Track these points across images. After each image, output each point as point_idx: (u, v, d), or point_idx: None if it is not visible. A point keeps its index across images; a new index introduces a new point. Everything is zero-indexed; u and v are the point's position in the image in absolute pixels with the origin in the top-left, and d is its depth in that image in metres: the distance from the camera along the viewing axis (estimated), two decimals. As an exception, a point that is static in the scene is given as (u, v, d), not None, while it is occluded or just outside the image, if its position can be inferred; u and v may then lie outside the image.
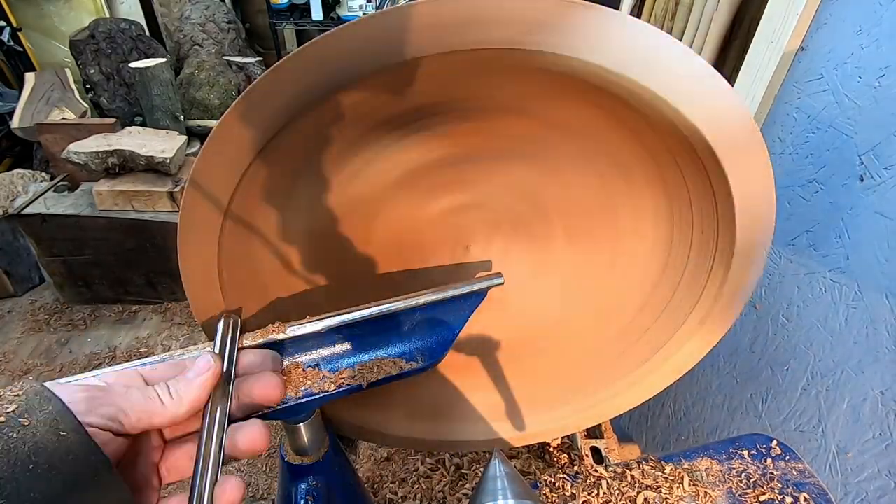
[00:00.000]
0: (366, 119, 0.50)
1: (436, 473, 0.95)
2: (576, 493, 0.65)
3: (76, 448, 0.30)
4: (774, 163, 0.98)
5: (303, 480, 0.57)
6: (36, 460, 0.29)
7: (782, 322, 1.01)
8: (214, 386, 0.40)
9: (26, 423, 0.29)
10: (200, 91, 3.30)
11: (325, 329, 0.50)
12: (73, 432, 0.31)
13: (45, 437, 0.29)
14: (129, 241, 2.24)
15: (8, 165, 3.07)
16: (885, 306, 0.80)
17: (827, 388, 0.91)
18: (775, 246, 1.00)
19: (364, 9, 3.71)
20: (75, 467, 0.30)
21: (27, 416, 0.30)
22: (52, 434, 0.30)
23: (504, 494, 0.47)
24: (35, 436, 0.29)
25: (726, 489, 0.64)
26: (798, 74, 0.93)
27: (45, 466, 0.29)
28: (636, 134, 0.52)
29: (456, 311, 0.56)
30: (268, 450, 1.65)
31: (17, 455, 0.28)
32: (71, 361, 2.19)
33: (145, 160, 2.15)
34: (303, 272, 0.60)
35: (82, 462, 0.31)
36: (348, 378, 0.51)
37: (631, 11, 1.56)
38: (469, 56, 0.43)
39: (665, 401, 1.39)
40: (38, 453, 0.29)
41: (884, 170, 0.78)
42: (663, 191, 0.58)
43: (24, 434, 0.29)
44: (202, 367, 0.40)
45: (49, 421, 0.30)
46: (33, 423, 0.29)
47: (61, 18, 3.48)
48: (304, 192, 0.54)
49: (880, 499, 0.82)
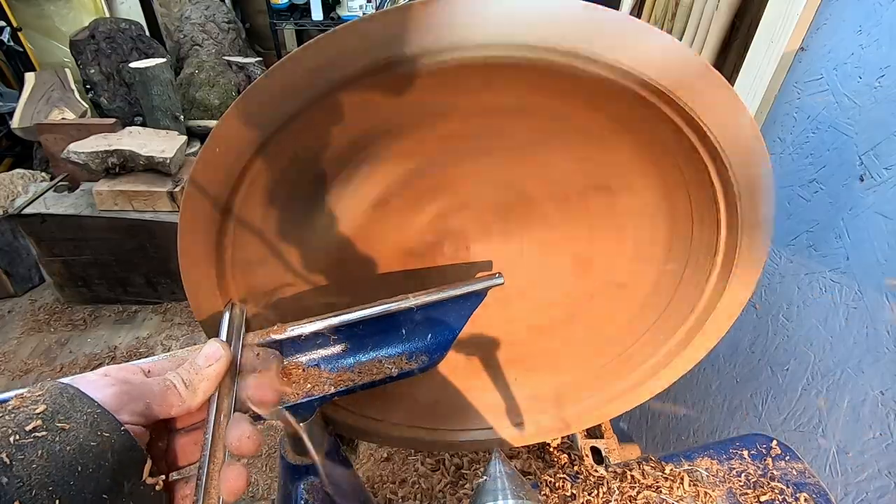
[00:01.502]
0: (308, 171, 0.51)
1: (436, 473, 0.95)
2: (576, 493, 0.65)
3: (118, 447, 0.31)
4: (774, 163, 0.99)
5: (303, 480, 0.57)
6: (83, 462, 0.29)
7: (782, 322, 1.01)
8: (225, 374, 0.40)
9: (66, 426, 0.30)
10: (200, 91, 3.30)
11: (325, 329, 0.50)
12: (114, 432, 0.31)
13: (87, 439, 0.30)
14: (129, 241, 2.24)
15: (8, 165, 3.07)
16: (885, 306, 0.80)
17: (827, 388, 0.91)
18: (775, 246, 1.00)
19: (364, 9, 3.71)
20: (119, 465, 0.31)
21: (63, 418, 0.30)
22: (93, 435, 0.30)
23: (504, 494, 0.47)
24: (78, 438, 0.30)
25: (726, 489, 0.64)
26: (798, 74, 0.93)
27: (93, 468, 0.30)
28: (592, 102, 0.51)
29: (456, 311, 0.56)
30: (263, 451, 1.63)
31: (63, 459, 0.29)
32: (71, 361, 2.19)
33: (145, 160, 2.15)
34: (303, 272, 0.60)
35: (125, 459, 0.32)
36: (348, 378, 0.51)
37: (631, 11, 1.56)
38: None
39: (665, 401, 1.39)
40: (84, 455, 0.30)
41: (884, 170, 0.78)
42: (649, 157, 0.57)
43: (67, 437, 0.29)
44: (212, 355, 0.40)
45: (90, 423, 0.30)
46: (73, 426, 0.30)
47: (61, 18, 3.48)
48: (304, 192, 0.54)
49: (880, 499, 0.82)
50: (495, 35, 0.43)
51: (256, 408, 0.44)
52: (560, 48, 0.44)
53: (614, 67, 0.45)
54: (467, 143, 0.55)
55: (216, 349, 0.40)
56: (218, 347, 0.40)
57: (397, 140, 0.53)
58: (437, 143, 0.54)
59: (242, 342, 0.47)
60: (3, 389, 0.56)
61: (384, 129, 0.52)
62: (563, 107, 0.52)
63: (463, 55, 0.43)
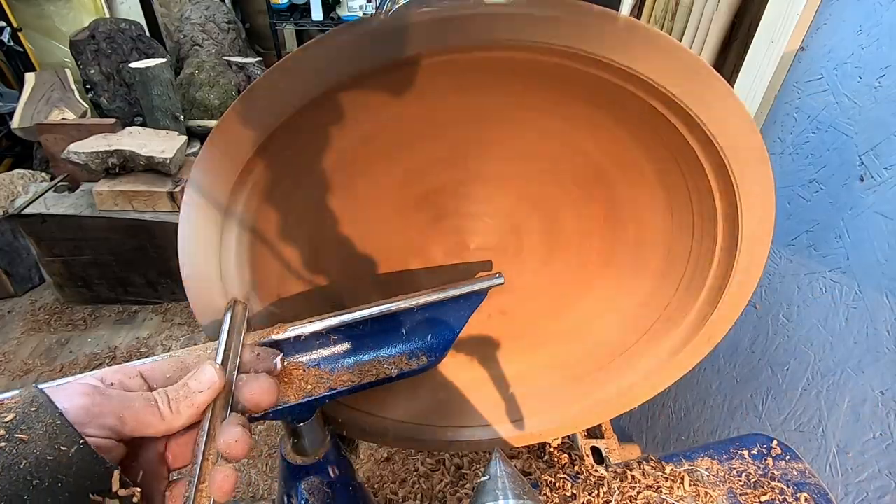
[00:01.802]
0: (308, 171, 0.52)
1: (436, 473, 0.95)
2: (576, 493, 0.65)
3: (78, 461, 0.30)
4: (774, 163, 0.99)
5: (303, 480, 0.57)
6: (39, 476, 0.28)
7: (782, 322, 1.01)
8: (215, 400, 0.39)
9: (25, 437, 0.29)
10: (200, 91, 3.30)
11: (325, 329, 0.50)
12: (73, 445, 0.30)
13: (45, 452, 0.29)
14: (129, 242, 2.24)
15: (8, 165, 3.07)
16: (885, 306, 0.80)
17: (827, 388, 0.91)
18: (775, 246, 1.00)
19: (364, 9, 3.71)
20: (79, 479, 0.30)
21: (25, 429, 0.29)
22: (51, 449, 0.29)
23: (504, 494, 0.47)
24: (35, 451, 0.28)
25: (727, 489, 0.64)
26: (798, 74, 0.93)
27: (49, 482, 0.28)
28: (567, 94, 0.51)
29: (456, 311, 0.56)
30: (263, 451, 1.63)
31: (18, 472, 0.28)
32: (71, 362, 2.19)
33: (145, 160, 2.15)
34: (303, 272, 0.60)
35: (86, 473, 0.30)
36: (348, 378, 0.51)
37: (631, 12, 1.56)
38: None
39: (665, 401, 1.39)
40: (40, 469, 0.28)
41: (884, 170, 0.78)
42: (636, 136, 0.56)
43: (25, 450, 0.28)
44: (205, 381, 0.39)
45: (48, 435, 0.29)
46: (32, 438, 0.29)
47: (61, 18, 3.48)
48: (304, 193, 0.54)
49: (881, 499, 0.82)
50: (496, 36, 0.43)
51: (253, 410, 0.43)
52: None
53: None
54: (462, 145, 0.55)
55: (211, 375, 0.39)
56: (213, 374, 0.39)
57: (395, 143, 0.53)
58: (433, 143, 0.54)
59: (242, 342, 0.47)
60: (3, 389, 0.56)
61: (383, 131, 0.52)
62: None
63: (463, 55, 0.43)
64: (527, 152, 0.57)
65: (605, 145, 0.56)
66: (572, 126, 0.54)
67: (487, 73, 0.47)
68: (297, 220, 0.56)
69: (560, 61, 0.45)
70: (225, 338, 0.45)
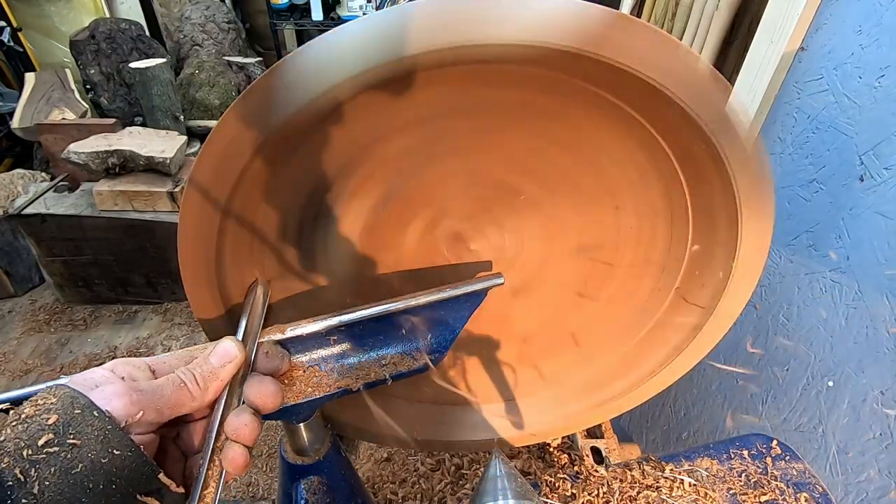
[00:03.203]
0: (307, 171, 0.52)
1: (436, 473, 0.95)
2: (576, 493, 0.65)
3: (129, 462, 0.31)
4: (774, 163, 0.99)
5: (303, 480, 0.57)
6: (94, 480, 0.29)
7: (782, 322, 1.01)
8: (237, 374, 0.40)
9: (77, 441, 0.29)
10: (200, 91, 3.31)
11: (325, 329, 0.50)
12: (125, 449, 0.31)
13: (99, 456, 0.30)
14: (129, 242, 2.24)
15: (8, 165, 3.07)
16: (885, 306, 0.80)
17: (827, 388, 0.91)
18: (775, 246, 1.00)
19: (364, 9, 3.71)
20: (130, 481, 0.31)
21: (75, 433, 0.30)
22: (105, 453, 0.30)
23: (504, 494, 0.47)
24: (90, 455, 0.29)
25: (726, 489, 0.64)
26: (798, 74, 0.93)
27: (104, 485, 0.30)
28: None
29: (456, 311, 0.56)
30: (263, 451, 1.62)
31: (74, 476, 0.29)
32: (71, 362, 2.19)
33: (145, 160, 2.15)
34: (303, 273, 0.60)
35: (135, 474, 0.31)
36: (349, 378, 0.51)
37: (631, 11, 1.56)
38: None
39: (665, 401, 1.39)
40: (95, 473, 0.29)
41: (884, 170, 0.78)
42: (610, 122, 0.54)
43: (79, 454, 0.29)
44: (226, 355, 0.39)
45: (101, 439, 0.30)
46: (85, 442, 0.30)
47: (61, 18, 3.48)
48: (304, 193, 0.54)
49: (881, 499, 0.82)
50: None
51: (260, 409, 0.43)
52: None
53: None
54: (425, 150, 0.54)
55: (231, 348, 0.40)
56: (233, 346, 0.40)
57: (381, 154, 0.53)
58: (396, 157, 0.54)
59: (260, 329, 0.47)
60: (4, 389, 0.56)
61: (382, 133, 0.52)
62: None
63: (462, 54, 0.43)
64: (483, 139, 0.55)
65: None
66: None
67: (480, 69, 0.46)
68: (296, 219, 0.56)
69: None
70: (247, 316, 0.46)
